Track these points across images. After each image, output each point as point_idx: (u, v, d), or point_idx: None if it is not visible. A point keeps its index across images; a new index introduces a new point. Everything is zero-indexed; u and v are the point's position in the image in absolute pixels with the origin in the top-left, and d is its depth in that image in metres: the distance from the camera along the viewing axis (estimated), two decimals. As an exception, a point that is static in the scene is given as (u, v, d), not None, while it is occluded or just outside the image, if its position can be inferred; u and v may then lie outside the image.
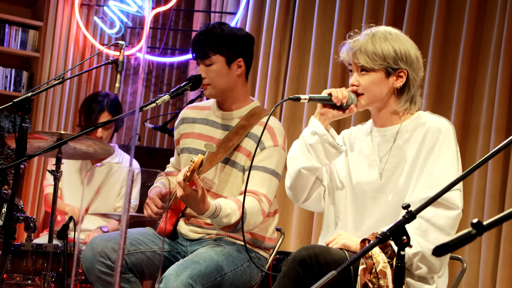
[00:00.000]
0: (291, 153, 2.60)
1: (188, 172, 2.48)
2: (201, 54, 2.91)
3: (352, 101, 2.50)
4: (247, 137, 2.92)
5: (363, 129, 2.68)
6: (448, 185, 1.86)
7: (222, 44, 2.90)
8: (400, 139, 2.53)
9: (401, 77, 2.50)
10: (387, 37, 2.48)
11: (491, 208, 3.89)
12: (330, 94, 2.50)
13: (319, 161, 2.53)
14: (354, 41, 2.50)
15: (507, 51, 3.96)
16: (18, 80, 5.62)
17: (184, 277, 2.59)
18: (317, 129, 2.50)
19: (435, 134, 2.44)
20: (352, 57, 2.49)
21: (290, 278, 2.29)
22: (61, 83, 2.92)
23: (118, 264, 1.35)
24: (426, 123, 2.49)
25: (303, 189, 2.63)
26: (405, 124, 2.53)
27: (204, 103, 3.15)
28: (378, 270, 2.21)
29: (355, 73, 2.52)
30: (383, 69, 2.48)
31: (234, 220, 2.70)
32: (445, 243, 1.39)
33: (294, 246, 4.71)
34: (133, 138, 1.61)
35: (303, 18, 5.02)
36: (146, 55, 5.96)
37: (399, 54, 2.48)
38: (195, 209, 2.64)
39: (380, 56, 2.46)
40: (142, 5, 5.79)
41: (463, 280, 3.89)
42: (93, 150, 3.71)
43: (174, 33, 6.30)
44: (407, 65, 2.49)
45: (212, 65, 2.91)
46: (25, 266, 3.31)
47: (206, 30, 2.92)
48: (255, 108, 2.99)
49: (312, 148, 2.51)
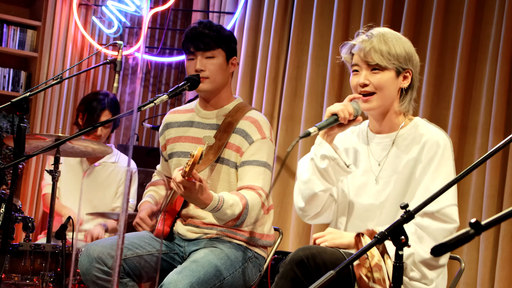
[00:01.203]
0: (303, 176, 2.55)
1: (187, 167, 2.46)
2: (203, 46, 2.91)
3: (357, 112, 2.48)
4: (234, 133, 2.92)
5: (357, 131, 2.67)
6: (445, 186, 1.86)
7: (224, 40, 2.94)
8: (397, 146, 2.53)
9: (406, 77, 2.52)
10: (397, 38, 2.50)
11: (489, 208, 3.90)
12: (335, 114, 2.45)
13: (333, 182, 2.53)
14: (364, 41, 2.49)
15: (505, 50, 3.96)
16: (16, 80, 5.62)
17: (184, 285, 2.60)
18: (327, 152, 2.47)
19: (434, 148, 2.44)
20: (365, 56, 2.47)
21: (288, 279, 2.29)
22: (59, 83, 2.92)
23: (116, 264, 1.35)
24: (425, 134, 2.48)
25: (317, 208, 2.62)
26: (403, 132, 2.53)
27: (186, 106, 3.16)
28: (373, 264, 2.21)
29: (364, 72, 2.49)
30: (395, 68, 2.49)
31: (238, 211, 2.69)
32: (443, 242, 1.39)
33: (293, 246, 4.71)
34: (131, 138, 1.61)
35: (301, 18, 5.02)
36: (144, 55, 5.96)
37: (408, 54, 2.50)
38: (198, 203, 2.62)
39: (394, 56, 2.47)
40: (140, 5, 5.79)
41: (462, 279, 3.89)
42: (91, 149, 3.71)
43: (172, 33, 6.30)
44: (413, 66, 2.52)
45: (213, 58, 2.92)
46: (23, 266, 3.31)
47: (209, 25, 2.94)
48: (238, 104, 3.00)
49: (325, 171, 2.49)
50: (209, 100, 3.00)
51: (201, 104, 3.04)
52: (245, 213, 2.72)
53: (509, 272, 3.82)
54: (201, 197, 2.58)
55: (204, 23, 2.95)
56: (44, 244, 3.31)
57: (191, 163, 2.44)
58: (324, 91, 4.77)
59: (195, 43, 2.92)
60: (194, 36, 2.92)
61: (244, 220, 2.73)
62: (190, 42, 2.94)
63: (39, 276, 3.27)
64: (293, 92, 4.98)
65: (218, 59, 2.93)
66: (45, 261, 3.29)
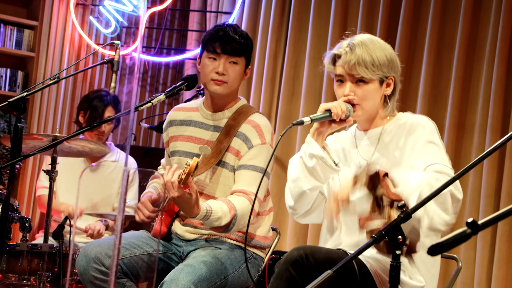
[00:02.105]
0: (292, 175, 2.58)
1: (183, 175, 2.48)
2: (231, 50, 2.88)
3: (350, 112, 2.50)
4: (235, 137, 2.92)
5: (348, 135, 2.71)
6: (448, 181, 1.86)
7: (248, 49, 2.95)
8: (384, 139, 2.56)
9: (389, 84, 2.55)
10: (376, 46, 2.51)
11: (486, 207, 3.90)
12: (329, 110, 2.48)
13: (321, 180, 2.54)
14: (347, 53, 2.49)
15: (502, 50, 3.96)
16: (13, 80, 5.61)
17: (186, 283, 2.61)
18: (315, 151, 2.49)
19: (419, 128, 2.47)
20: (350, 69, 2.49)
21: (283, 279, 2.29)
22: (56, 82, 2.92)
23: (114, 264, 1.35)
24: (408, 121, 2.53)
25: (307, 206, 2.63)
26: (388, 125, 2.57)
27: (191, 103, 3.14)
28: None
29: (348, 84, 2.51)
30: (379, 79, 2.51)
31: (225, 222, 2.72)
32: (440, 242, 1.40)
33: (290, 246, 4.71)
34: (128, 138, 1.61)
35: (299, 18, 5.02)
36: (142, 55, 5.95)
37: (390, 61, 2.52)
38: (187, 212, 2.64)
39: (377, 66, 2.49)
40: (137, 5, 5.79)
41: (459, 279, 3.89)
42: (88, 149, 3.71)
43: (169, 33, 6.30)
44: (394, 71, 2.55)
45: (236, 64, 2.91)
46: (20, 266, 3.31)
47: (239, 31, 2.92)
48: (242, 107, 2.99)
49: (314, 170, 2.51)
50: (216, 102, 2.99)
51: (206, 103, 3.03)
52: (233, 223, 2.74)
53: (506, 272, 3.83)
54: (191, 208, 2.60)
55: (234, 27, 2.93)
56: (41, 244, 3.30)
57: (187, 171, 2.46)
58: (321, 90, 4.77)
59: (223, 45, 2.88)
60: (223, 37, 2.88)
61: (231, 228, 2.76)
62: (218, 42, 2.88)
63: (36, 276, 3.27)
64: (290, 92, 4.98)
65: (239, 66, 2.92)
66: (42, 261, 3.29)
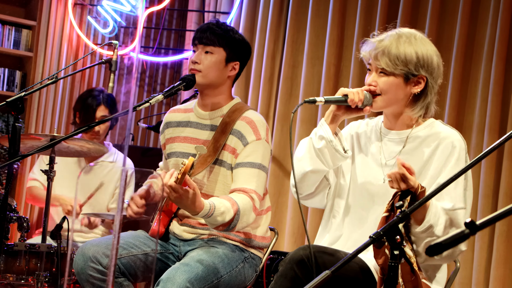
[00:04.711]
0: (298, 154, 2.58)
1: (180, 174, 2.49)
2: (206, 40, 2.92)
3: (368, 102, 2.47)
4: (231, 134, 2.92)
5: (372, 125, 2.65)
6: (442, 185, 1.86)
7: (229, 42, 2.94)
8: (409, 144, 2.51)
9: (419, 83, 2.48)
10: (411, 41, 2.46)
11: (484, 208, 3.90)
12: (346, 95, 2.46)
13: (327, 165, 2.53)
14: (378, 41, 2.47)
15: (500, 50, 3.97)
16: (11, 80, 5.60)
17: (182, 281, 2.61)
18: (325, 134, 2.48)
19: (449, 148, 2.43)
20: (374, 58, 2.47)
21: (288, 278, 2.29)
22: (54, 82, 2.92)
23: (112, 264, 1.35)
24: (440, 133, 2.47)
25: (309, 188, 2.63)
26: (416, 130, 2.52)
27: (186, 105, 3.15)
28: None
29: (373, 74, 2.49)
30: (403, 75, 2.45)
31: (229, 218, 2.71)
32: (438, 242, 1.40)
33: (288, 246, 4.71)
34: (126, 138, 1.61)
35: (297, 18, 5.02)
36: (140, 55, 5.95)
37: (421, 60, 2.45)
38: (189, 210, 2.64)
39: (402, 61, 2.44)
40: (135, 5, 5.78)
41: (456, 279, 3.90)
42: (86, 149, 3.70)
43: (167, 33, 6.30)
44: (428, 72, 2.47)
45: (212, 54, 2.92)
46: (18, 266, 3.30)
47: (222, 24, 2.96)
48: (236, 104, 3.00)
49: (320, 152, 2.50)
50: (206, 100, 3.00)
51: (199, 104, 3.04)
52: (236, 219, 2.73)
53: (504, 272, 3.83)
54: (193, 204, 2.59)
55: (218, 22, 2.98)
56: (39, 244, 3.30)
57: (183, 170, 2.47)
58: (319, 90, 4.77)
59: (200, 36, 2.94)
60: (201, 29, 2.95)
61: (235, 225, 2.75)
62: (197, 33, 2.96)
63: (34, 276, 3.27)
64: (288, 92, 4.98)
65: (215, 57, 2.93)
66: (40, 261, 3.29)
